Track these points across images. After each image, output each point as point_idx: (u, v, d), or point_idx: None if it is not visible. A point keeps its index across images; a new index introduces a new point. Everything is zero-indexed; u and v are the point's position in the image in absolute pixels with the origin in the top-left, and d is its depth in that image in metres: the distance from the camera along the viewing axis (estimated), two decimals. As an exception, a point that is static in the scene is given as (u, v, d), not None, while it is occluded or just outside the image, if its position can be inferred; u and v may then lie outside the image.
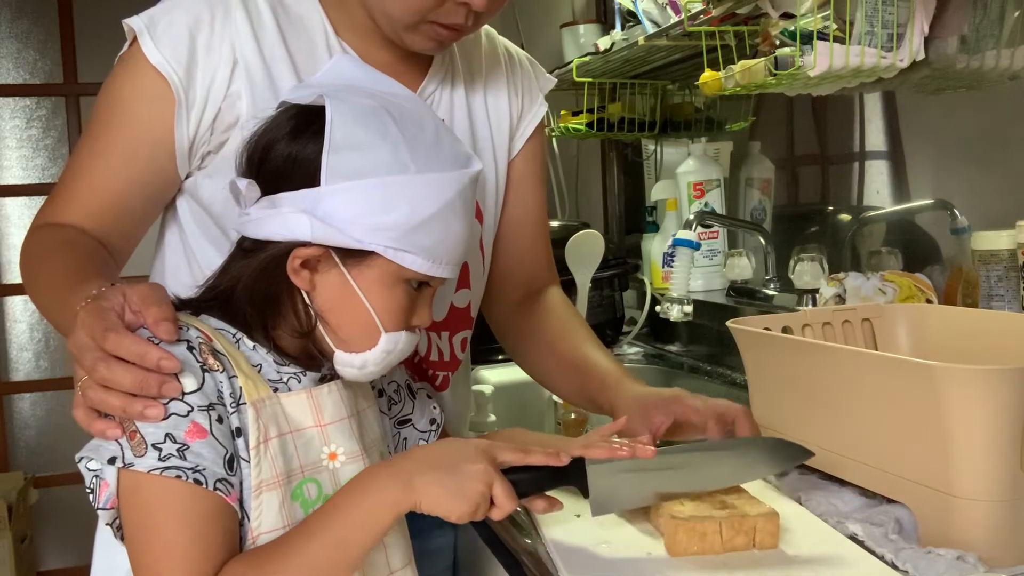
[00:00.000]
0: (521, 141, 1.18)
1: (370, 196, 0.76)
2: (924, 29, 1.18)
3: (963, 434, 0.80)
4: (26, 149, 3.25)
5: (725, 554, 0.84)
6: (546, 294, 1.21)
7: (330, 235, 0.77)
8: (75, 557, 3.26)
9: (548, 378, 1.17)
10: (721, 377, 1.75)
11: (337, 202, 0.76)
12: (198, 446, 0.72)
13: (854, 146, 1.78)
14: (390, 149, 0.77)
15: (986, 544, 0.80)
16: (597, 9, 2.48)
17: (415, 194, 0.77)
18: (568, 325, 1.16)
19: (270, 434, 0.76)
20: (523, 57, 1.22)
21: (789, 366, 1.01)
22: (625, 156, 2.58)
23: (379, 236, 0.77)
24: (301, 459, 0.78)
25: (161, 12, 0.97)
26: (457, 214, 0.80)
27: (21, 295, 3.26)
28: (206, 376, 0.74)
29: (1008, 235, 1.19)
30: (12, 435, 3.26)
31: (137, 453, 0.71)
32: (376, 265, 0.79)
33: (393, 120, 0.78)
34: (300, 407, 0.79)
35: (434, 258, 0.80)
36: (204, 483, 0.71)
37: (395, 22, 0.97)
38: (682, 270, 1.61)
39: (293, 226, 0.77)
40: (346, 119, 0.77)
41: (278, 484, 0.76)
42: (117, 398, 0.72)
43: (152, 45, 0.94)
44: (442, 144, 0.81)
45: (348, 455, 0.81)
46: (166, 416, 0.72)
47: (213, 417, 0.73)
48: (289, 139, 0.79)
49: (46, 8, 3.22)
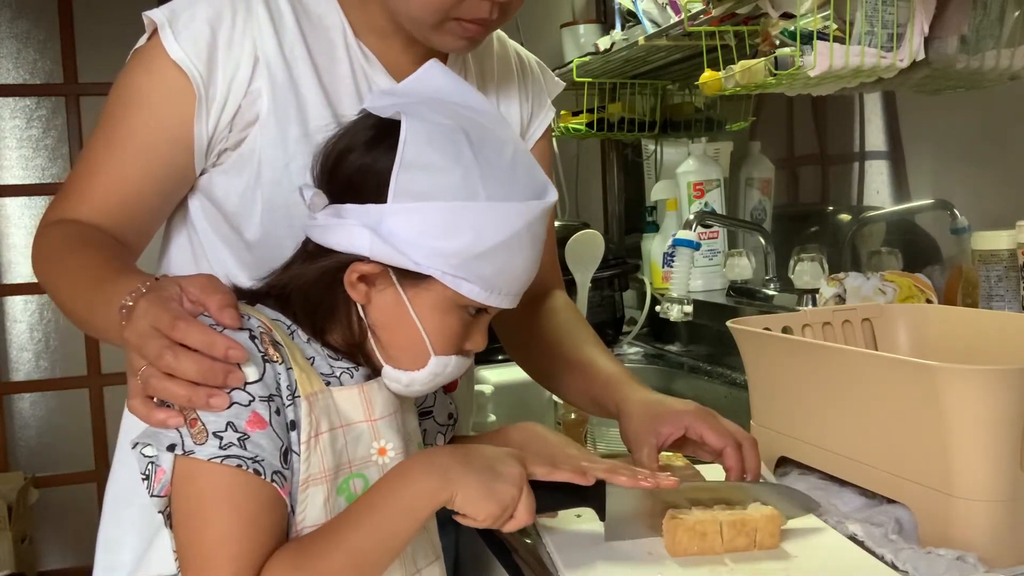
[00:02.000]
0: (529, 145, 1.18)
1: (434, 220, 0.75)
2: (924, 29, 1.18)
3: (963, 434, 0.80)
4: (26, 149, 3.25)
5: (725, 554, 0.84)
6: (551, 297, 1.20)
7: (389, 254, 0.76)
8: (75, 557, 3.26)
9: (551, 379, 1.16)
10: (721, 377, 1.75)
11: (401, 222, 0.75)
12: (258, 436, 0.72)
13: (854, 146, 1.78)
14: (462, 174, 0.75)
15: (986, 544, 0.80)
16: (597, 9, 2.49)
17: (481, 222, 0.76)
18: (572, 327, 1.16)
19: (321, 428, 0.76)
20: (533, 61, 1.22)
21: (789, 366, 1.01)
22: (625, 156, 2.58)
23: (438, 261, 0.76)
24: (350, 454, 0.78)
25: (182, 6, 0.95)
26: (523, 245, 0.78)
27: (21, 295, 3.25)
28: (267, 367, 0.74)
29: (1008, 235, 1.19)
30: (12, 435, 3.25)
31: (197, 441, 0.71)
32: (433, 289, 0.78)
33: (469, 143, 0.76)
34: (352, 402, 0.79)
35: (492, 288, 0.78)
36: (263, 474, 0.71)
37: (420, 23, 0.95)
38: (682, 270, 1.61)
39: (355, 240, 0.76)
40: (420, 139, 0.76)
41: (325, 479, 0.76)
42: (182, 387, 0.71)
43: (173, 39, 0.93)
44: (517, 171, 0.79)
45: (397, 450, 0.81)
46: (229, 405, 0.71)
47: (272, 408, 0.73)
48: (364, 150, 0.78)
49: (46, 8, 3.22)
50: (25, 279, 3.25)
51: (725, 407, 1.58)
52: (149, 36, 0.96)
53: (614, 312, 2.06)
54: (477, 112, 0.81)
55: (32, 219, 3.26)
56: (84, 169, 0.98)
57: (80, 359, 3.28)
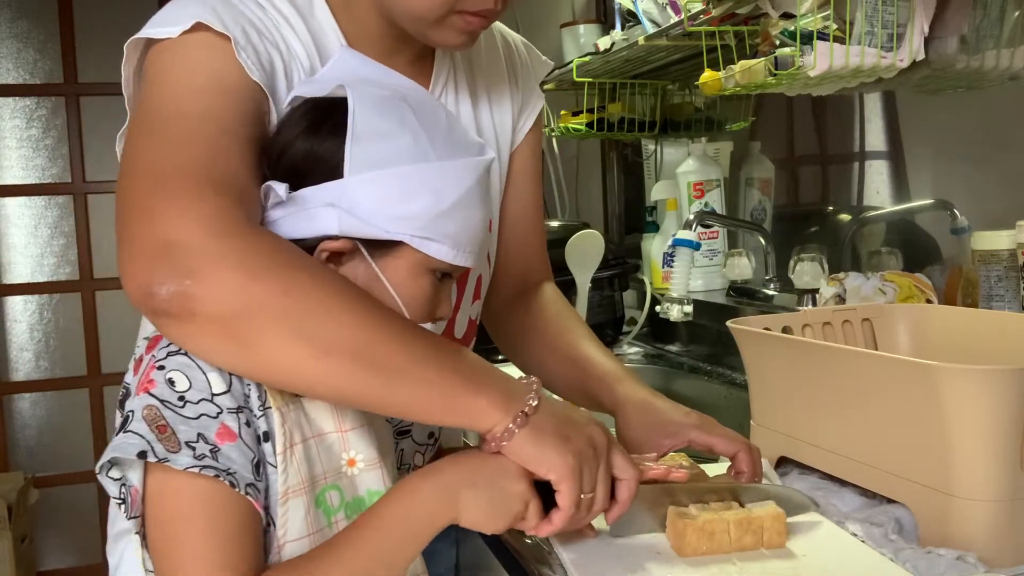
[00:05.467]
0: (520, 136, 1.17)
1: (394, 185, 0.76)
2: (924, 29, 1.18)
3: (963, 434, 0.80)
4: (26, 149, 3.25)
5: (733, 553, 0.83)
6: (540, 290, 1.20)
7: (357, 227, 0.76)
8: (75, 557, 3.26)
9: (544, 374, 1.14)
10: (721, 377, 1.75)
11: (362, 193, 0.76)
12: (228, 449, 0.71)
13: (854, 146, 1.78)
14: (411, 137, 0.77)
15: (986, 544, 0.80)
16: (597, 9, 2.49)
17: (438, 182, 0.77)
18: (565, 321, 1.15)
19: (295, 439, 0.75)
20: (518, 43, 1.20)
21: (789, 366, 1.01)
22: (625, 156, 2.58)
23: (405, 225, 0.77)
24: (324, 465, 0.78)
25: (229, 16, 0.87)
26: (477, 201, 0.80)
27: (21, 295, 3.26)
28: (233, 379, 0.73)
29: (1008, 235, 1.19)
30: (12, 435, 3.26)
31: (169, 448, 0.69)
32: (403, 255, 0.78)
33: (410, 109, 0.78)
34: (322, 412, 0.78)
35: (458, 246, 0.79)
36: (237, 486, 0.70)
37: (421, 20, 0.92)
38: (682, 270, 1.61)
39: (320, 221, 0.76)
40: (367, 109, 0.77)
41: (304, 491, 0.75)
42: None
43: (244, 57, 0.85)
44: (455, 132, 0.81)
45: (366, 462, 0.80)
46: (197, 416, 0.71)
47: (242, 420, 0.72)
48: (308, 135, 0.78)
49: (46, 8, 3.22)
50: (25, 279, 3.25)
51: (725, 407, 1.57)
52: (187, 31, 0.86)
53: (614, 312, 2.06)
54: (401, 86, 0.82)
55: (32, 219, 3.26)
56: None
57: (80, 359, 3.28)
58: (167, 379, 0.72)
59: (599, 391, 1.04)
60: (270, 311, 0.69)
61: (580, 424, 0.78)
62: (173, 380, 0.72)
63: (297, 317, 0.70)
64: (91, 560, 3.23)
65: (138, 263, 0.70)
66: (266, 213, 0.78)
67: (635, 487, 0.80)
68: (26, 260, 3.26)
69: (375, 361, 0.72)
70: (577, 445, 0.76)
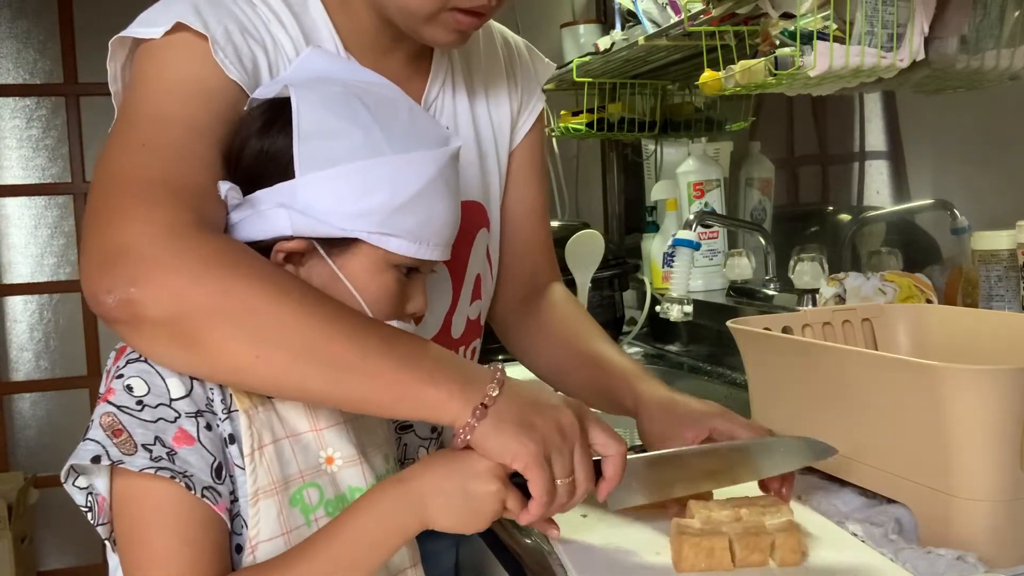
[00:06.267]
0: (520, 135, 1.17)
1: (347, 182, 0.75)
2: (924, 29, 1.18)
3: (963, 434, 0.80)
4: (26, 149, 3.25)
5: (737, 570, 0.80)
6: (549, 291, 1.19)
7: (311, 226, 0.76)
8: (75, 557, 3.26)
9: (559, 375, 1.13)
10: (721, 377, 1.75)
11: (314, 192, 0.75)
12: (185, 452, 0.71)
13: (854, 146, 1.78)
14: (362, 133, 0.76)
15: (986, 544, 0.80)
16: (597, 9, 2.49)
17: (393, 175, 0.76)
18: (578, 321, 1.14)
19: (264, 441, 0.75)
20: (520, 44, 1.20)
21: (789, 366, 1.01)
22: (625, 156, 2.58)
23: (361, 222, 0.76)
24: (300, 464, 0.77)
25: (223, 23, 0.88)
26: (440, 193, 0.79)
27: (21, 295, 3.25)
28: (195, 384, 0.73)
29: (1008, 235, 1.19)
30: (12, 435, 3.25)
31: (124, 451, 0.70)
32: (361, 252, 0.77)
33: (364, 105, 0.77)
34: (295, 412, 0.78)
35: (420, 240, 0.78)
36: (193, 489, 0.70)
37: (413, 16, 0.92)
38: (682, 270, 1.61)
39: (273, 223, 0.76)
40: (314, 107, 0.76)
41: (275, 491, 0.75)
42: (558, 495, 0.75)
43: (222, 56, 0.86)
44: (417, 124, 0.80)
45: (345, 459, 0.79)
46: (155, 420, 0.71)
47: (201, 424, 0.72)
48: (259, 136, 0.78)
49: (46, 8, 3.22)
50: (25, 279, 3.25)
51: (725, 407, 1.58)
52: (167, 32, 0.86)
53: (614, 312, 2.06)
54: (367, 82, 0.81)
55: (32, 219, 3.26)
56: None
57: (80, 359, 3.28)
58: (125, 386, 0.72)
59: (619, 391, 1.02)
60: (211, 312, 0.70)
61: (547, 408, 0.75)
62: (131, 386, 0.72)
63: (239, 316, 0.70)
64: (91, 560, 3.23)
65: (91, 270, 0.71)
66: (228, 216, 0.78)
67: (621, 462, 0.78)
68: (26, 260, 3.26)
69: (322, 357, 0.71)
70: (543, 431, 0.73)
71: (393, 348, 0.73)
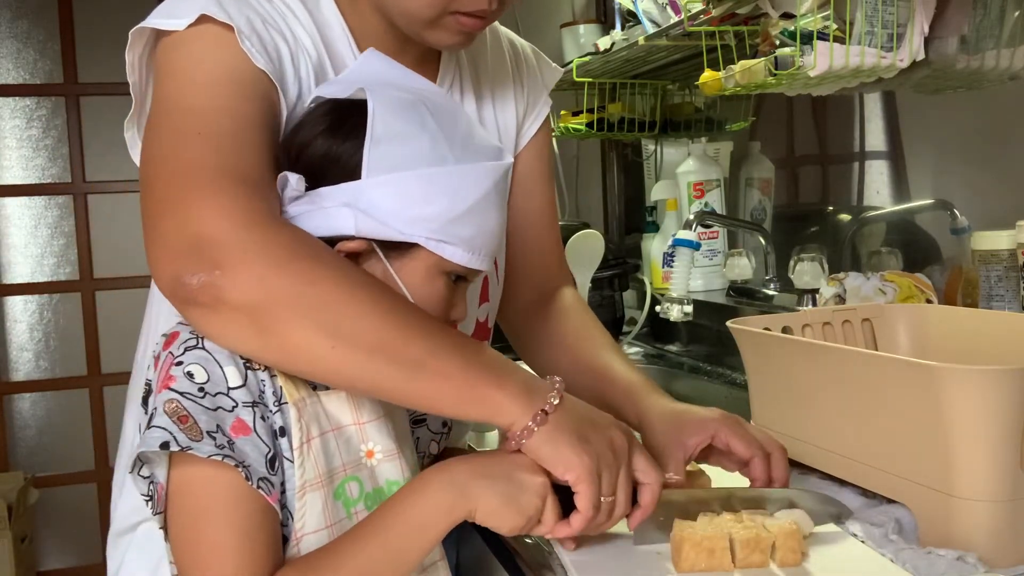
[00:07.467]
0: (525, 139, 1.17)
1: (411, 188, 0.77)
2: (924, 29, 1.18)
3: (963, 434, 0.80)
4: (26, 149, 3.25)
5: (737, 571, 0.80)
6: (560, 295, 1.18)
7: (373, 228, 0.77)
8: (75, 557, 3.26)
9: (565, 384, 1.13)
10: (721, 377, 1.75)
11: (379, 195, 0.77)
12: (242, 442, 0.72)
13: (854, 146, 1.78)
14: (429, 141, 0.78)
15: (986, 544, 0.80)
16: (597, 9, 2.49)
17: (454, 185, 0.78)
18: (587, 330, 1.13)
19: (312, 433, 0.76)
20: (527, 49, 1.20)
21: (789, 366, 1.01)
22: (625, 156, 2.58)
23: (421, 228, 0.78)
24: (343, 457, 0.78)
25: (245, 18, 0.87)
26: (493, 205, 0.81)
27: (21, 295, 3.25)
28: (248, 373, 0.74)
29: (1008, 235, 1.19)
30: (12, 435, 3.25)
31: (192, 437, 0.70)
32: (418, 257, 0.79)
33: (430, 112, 0.79)
34: (339, 405, 0.79)
35: (473, 249, 0.80)
36: (250, 480, 0.71)
37: (415, 19, 0.92)
38: (682, 270, 1.61)
39: (337, 220, 0.77)
40: (386, 112, 0.78)
41: (321, 484, 0.76)
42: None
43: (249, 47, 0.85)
44: (475, 136, 0.82)
45: (385, 452, 0.80)
46: (215, 408, 0.72)
47: (257, 415, 0.73)
48: (327, 135, 0.79)
49: (46, 8, 3.22)
50: (25, 279, 3.25)
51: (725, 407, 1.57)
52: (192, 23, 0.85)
53: (614, 312, 2.06)
54: (425, 89, 0.83)
55: (32, 219, 3.26)
56: None
57: (80, 359, 3.28)
58: (186, 372, 0.73)
59: (623, 405, 1.01)
60: (293, 302, 0.71)
61: (601, 426, 0.78)
62: (192, 373, 0.73)
63: (320, 308, 0.71)
64: (91, 560, 3.23)
65: (170, 256, 0.72)
66: (284, 207, 0.79)
67: (658, 491, 0.80)
68: (26, 260, 3.26)
69: (396, 353, 0.73)
70: (597, 447, 0.76)
71: (462, 350, 0.75)
